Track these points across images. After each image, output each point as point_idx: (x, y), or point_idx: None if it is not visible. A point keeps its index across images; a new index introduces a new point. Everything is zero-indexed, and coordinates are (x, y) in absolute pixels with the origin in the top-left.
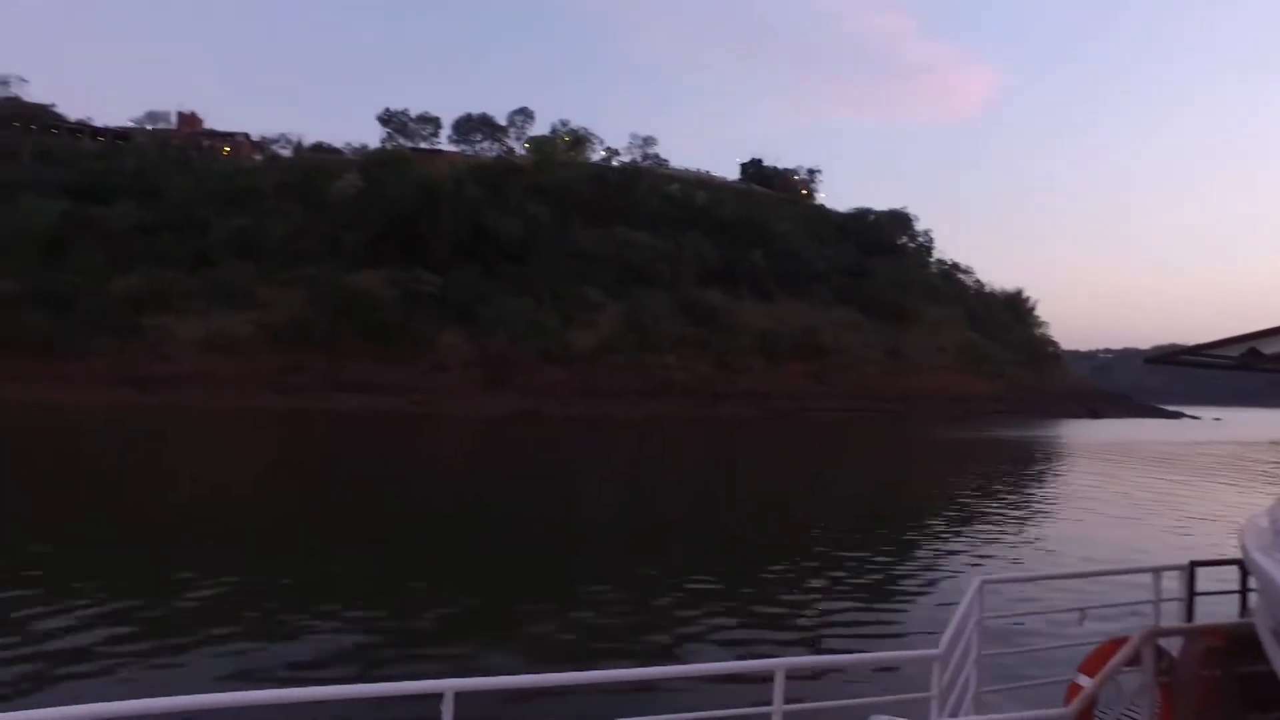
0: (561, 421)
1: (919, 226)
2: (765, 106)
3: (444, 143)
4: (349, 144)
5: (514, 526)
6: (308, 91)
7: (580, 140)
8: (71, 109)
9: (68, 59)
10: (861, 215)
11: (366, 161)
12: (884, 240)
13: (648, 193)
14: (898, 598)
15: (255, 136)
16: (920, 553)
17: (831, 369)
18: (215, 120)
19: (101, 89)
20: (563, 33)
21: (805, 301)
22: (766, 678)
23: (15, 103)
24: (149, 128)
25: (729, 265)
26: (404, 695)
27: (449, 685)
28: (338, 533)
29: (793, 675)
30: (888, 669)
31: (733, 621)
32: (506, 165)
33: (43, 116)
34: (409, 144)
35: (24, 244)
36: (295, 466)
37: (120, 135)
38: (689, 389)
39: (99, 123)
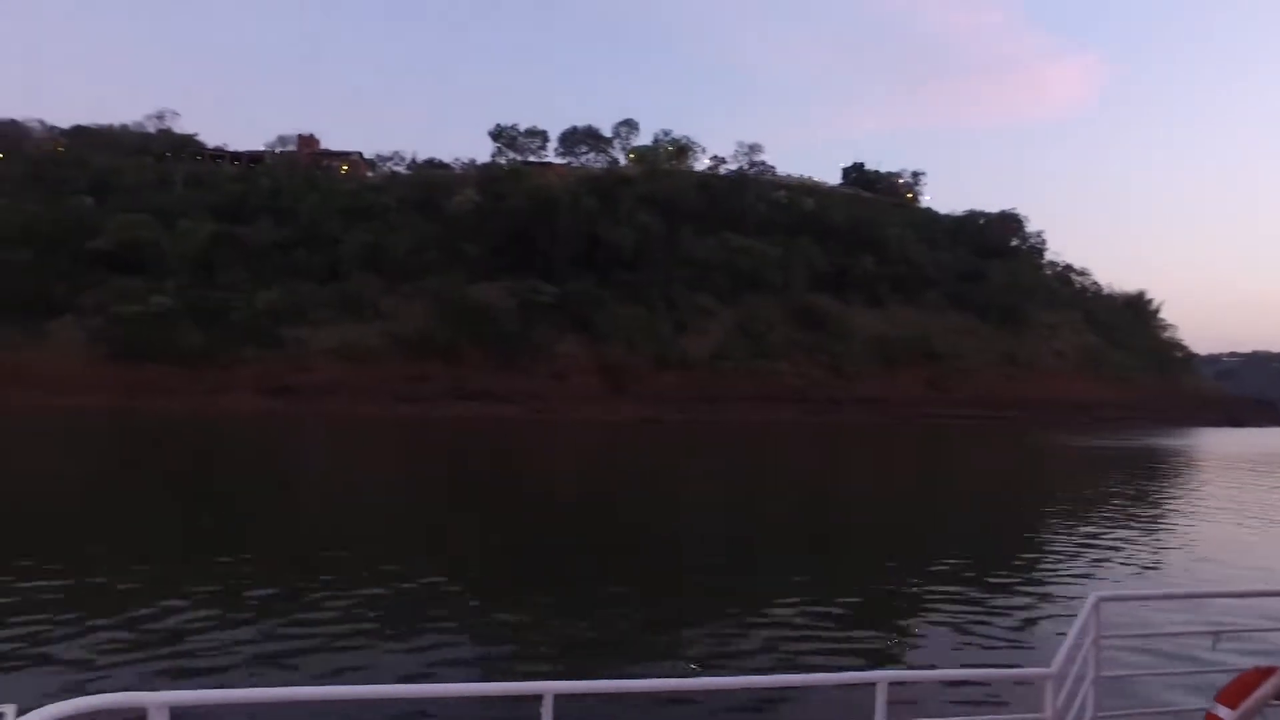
0: (681, 427)
1: (1029, 228)
2: (863, 110)
3: (551, 155)
4: (458, 159)
5: (631, 530)
6: (413, 109)
7: (683, 149)
8: (209, 137)
9: (202, 89)
10: (971, 218)
11: (482, 176)
12: (995, 243)
13: (755, 200)
14: (1009, 611)
15: (367, 155)
16: (1036, 566)
17: (947, 375)
18: (328, 141)
19: (229, 116)
20: (659, 44)
21: (918, 307)
22: (868, 690)
23: (168, 134)
24: (277, 150)
25: (839, 271)
26: (505, 695)
27: (549, 687)
28: (465, 535)
29: (895, 688)
30: (997, 686)
31: (836, 629)
32: (616, 176)
33: (190, 146)
34: (519, 157)
35: (181, 264)
36: (426, 473)
37: (254, 159)
38: (804, 395)
39: (233, 148)
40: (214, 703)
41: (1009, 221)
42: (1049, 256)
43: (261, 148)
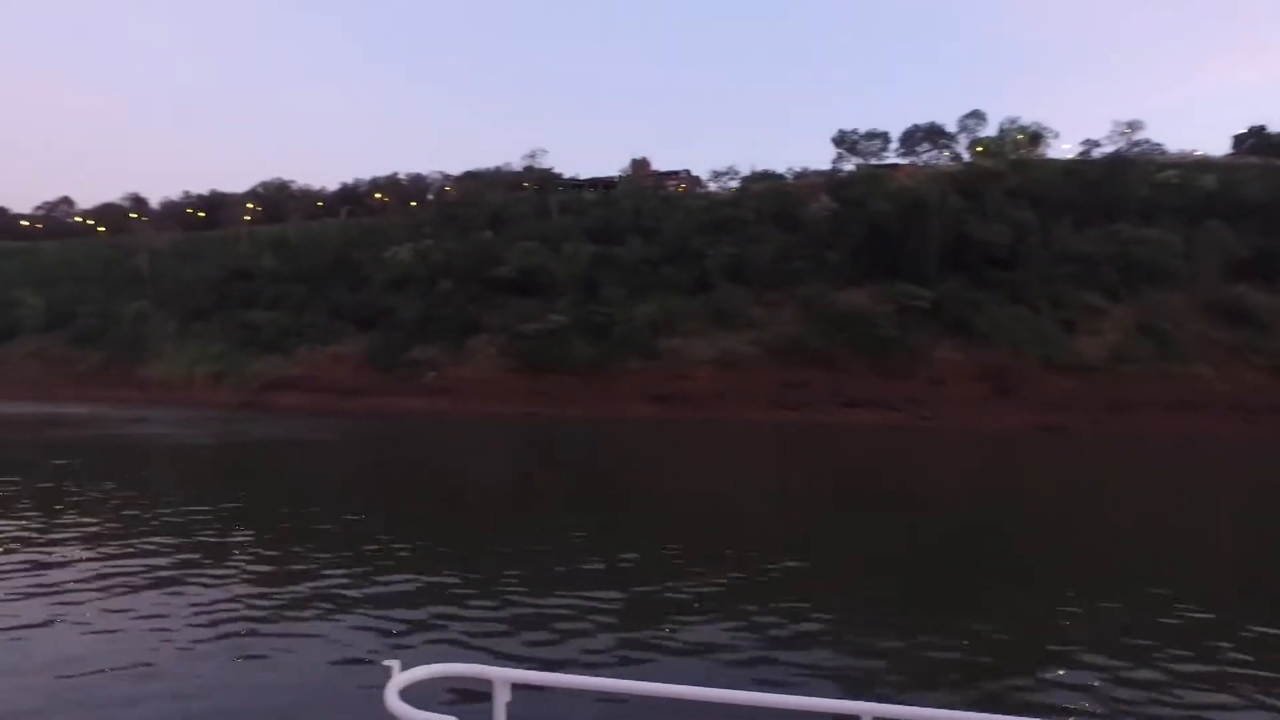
0: (1085, 437)
1: None
2: (1243, 58)
3: (891, 156)
4: (790, 168)
5: (1025, 553)
6: (722, 123)
7: (1036, 136)
8: (561, 169)
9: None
10: None
11: (832, 182)
12: None
13: (1137, 183)
14: None
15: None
16: None
17: None
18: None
19: (570, 147)
20: (993, 25)
21: None
22: None
23: (532, 170)
24: (621, 175)
25: (1263, 256)
26: (820, 711)
27: (867, 709)
28: (842, 543)
29: None
30: None
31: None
32: (979, 171)
33: (552, 178)
34: (861, 161)
35: (568, 284)
36: (810, 478)
37: (607, 185)
38: (1234, 402)
39: (583, 176)
40: (553, 685)
41: None
42: None
43: (601, 174)
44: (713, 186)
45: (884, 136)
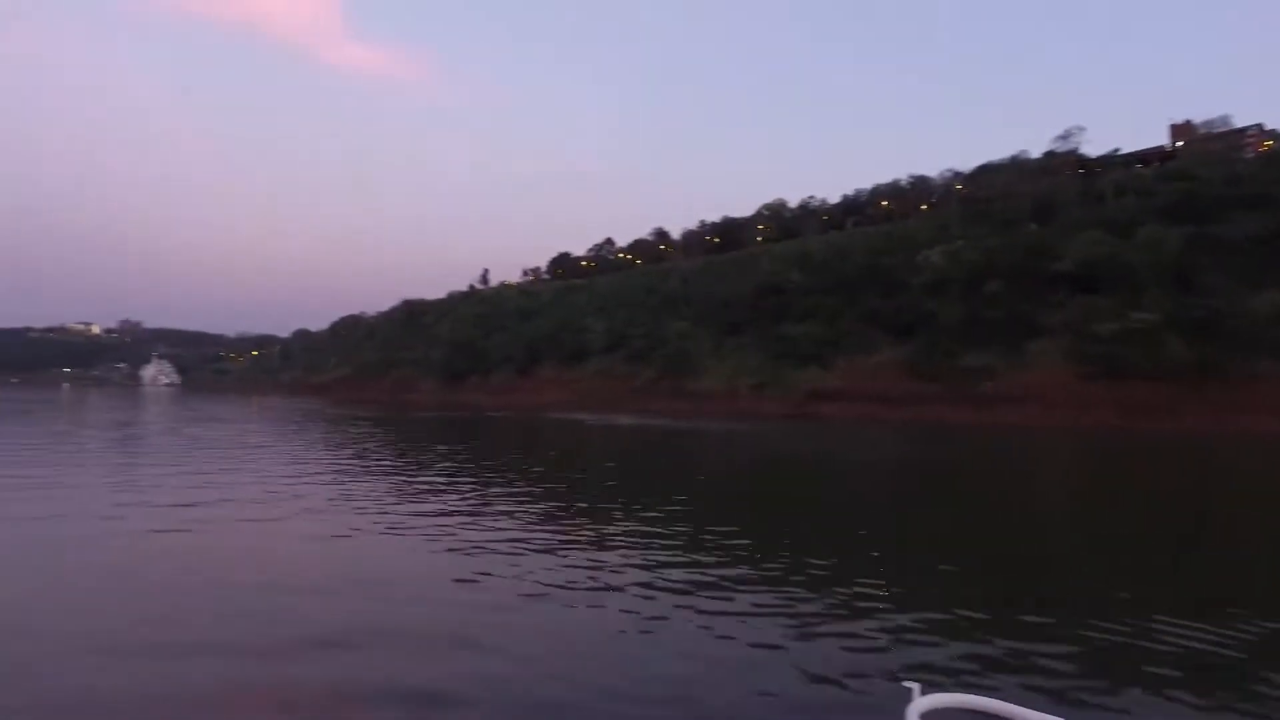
0: None
1: None
2: None
3: None
4: None
5: None
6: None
7: None
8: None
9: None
10: None
11: None
12: None
13: None
14: None
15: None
16: None
17: None
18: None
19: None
20: None
21: None
22: None
23: (1056, 154)
24: (1168, 145)
25: None
26: None
27: None
28: None
29: None
30: None
31: None
32: None
33: (1086, 159)
34: None
35: (1151, 274)
36: None
37: (1159, 157)
38: None
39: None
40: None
41: None
42: None
43: (1129, 149)
44: None
45: None
